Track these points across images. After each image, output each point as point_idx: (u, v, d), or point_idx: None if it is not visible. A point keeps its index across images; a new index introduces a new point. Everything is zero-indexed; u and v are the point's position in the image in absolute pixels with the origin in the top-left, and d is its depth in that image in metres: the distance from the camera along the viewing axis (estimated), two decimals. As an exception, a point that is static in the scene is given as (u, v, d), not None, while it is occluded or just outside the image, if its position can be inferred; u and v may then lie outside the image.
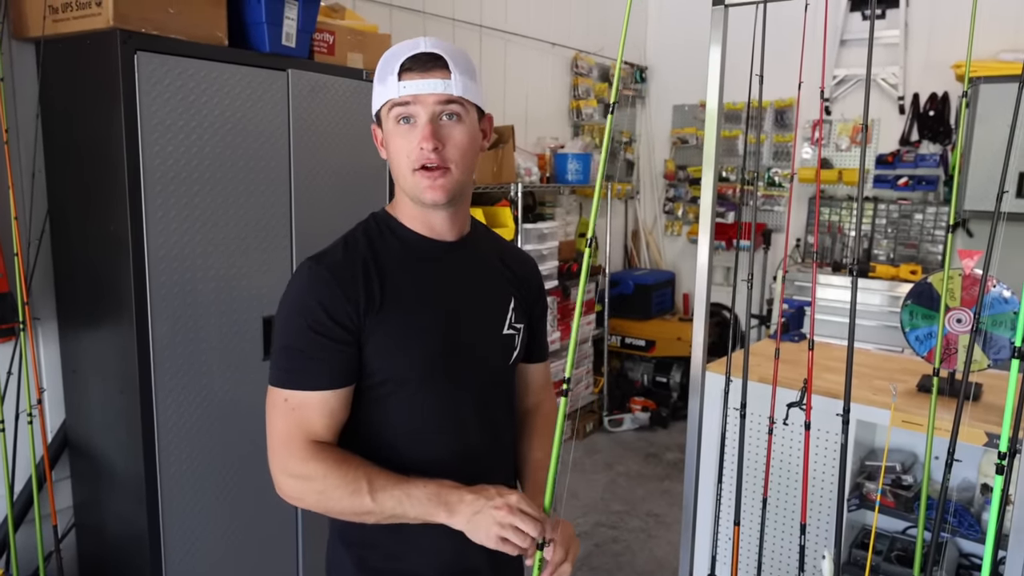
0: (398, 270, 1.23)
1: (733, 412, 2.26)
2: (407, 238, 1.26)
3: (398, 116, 1.17)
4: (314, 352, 1.17)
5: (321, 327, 1.16)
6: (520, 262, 1.43)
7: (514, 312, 1.34)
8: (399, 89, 1.15)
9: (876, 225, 4.73)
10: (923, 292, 2.19)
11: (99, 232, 2.16)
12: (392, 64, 1.17)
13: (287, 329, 1.20)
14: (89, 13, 1.98)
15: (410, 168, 1.18)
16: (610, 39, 5.27)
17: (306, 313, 1.17)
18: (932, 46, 4.52)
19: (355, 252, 1.22)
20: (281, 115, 2.38)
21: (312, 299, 1.17)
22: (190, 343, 2.21)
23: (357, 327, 1.17)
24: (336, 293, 1.17)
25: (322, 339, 1.16)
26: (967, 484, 2.38)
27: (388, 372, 1.21)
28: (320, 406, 1.18)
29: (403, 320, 1.21)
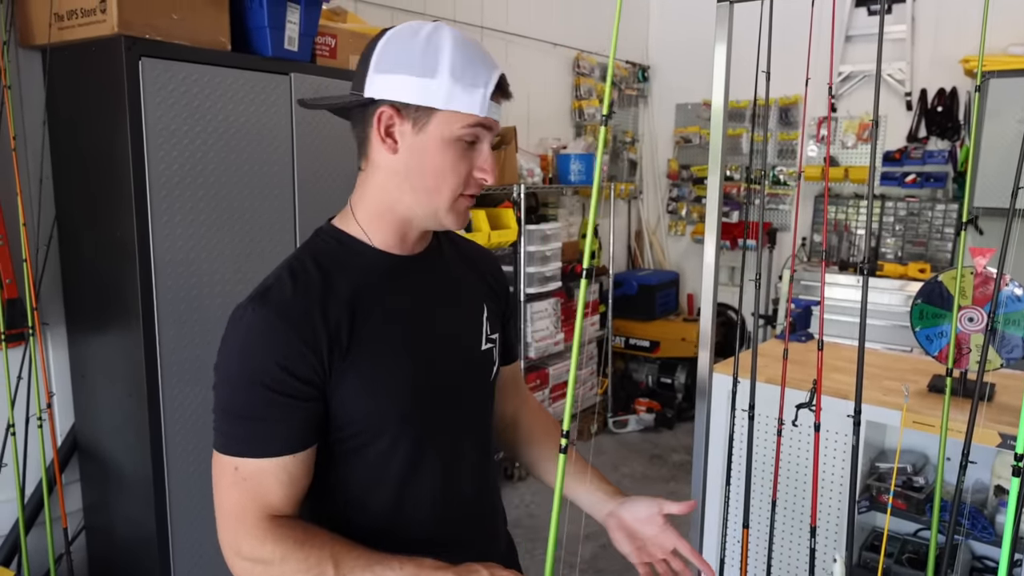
0: (363, 299, 1.04)
1: (741, 413, 2.25)
2: (368, 257, 1.07)
3: (469, 136, 1.01)
4: (268, 414, 0.97)
5: (277, 385, 0.96)
6: (486, 261, 1.29)
7: (488, 323, 1.20)
8: (488, 108, 1.01)
9: (883, 223, 4.70)
10: (934, 290, 2.17)
11: (106, 238, 2.17)
12: (485, 75, 1.01)
13: (233, 390, 0.99)
14: (94, 20, 1.98)
15: (456, 192, 1.03)
16: (609, 38, 5.25)
17: (256, 370, 0.97)
18: (939, 41, 4.48)
19: (307, 284, 1.01)
20: (284, 119, 2.37)
21: (261, 352, 0.97)
22: (196, 347, 2.21)
23: (322, 378, 0.98)
24: (291, 341, 0.96)
25: (279, 398, 0.96)
26: (980, 486, 2.36)
27: (362, 423, 1.03)
28: (277, 474, 0.98)
29: (376, 361, 1.03)
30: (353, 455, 1.05)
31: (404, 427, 1.06)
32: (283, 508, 0.99)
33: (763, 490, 2.58)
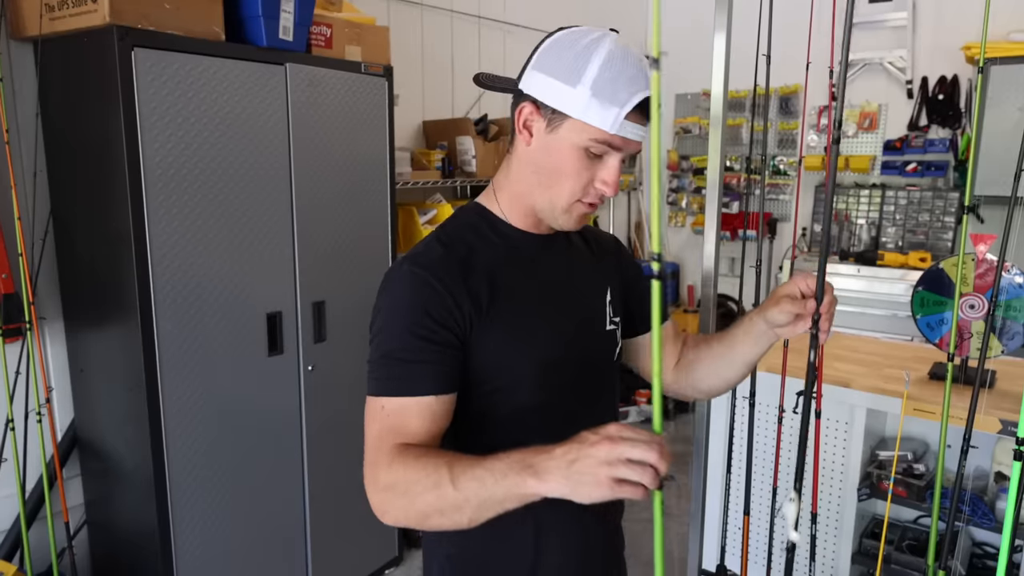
0: (502, 268, 1.14)
1: (742, 401, 2.24)
2: (507, 234, 1.17)
3: (595, 149, 1.05)
4: (416, 357, 1.06)
5: (424, 331, 1.06)
6: (607, 243, 1.34)
7: (611, 306, 1.25)
8: (620, 127, 1.03)
9: (884, 212, 4.69)
10: (935, 278, 2.16)
11: (102, 231, 2.15)
12: (625, 96, 1.03)
13: (388, 337, 1.08)
14: (85, 10, 1.96)
15: (573, 197, 1.09)
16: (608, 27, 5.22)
17: (407, 317, 1.07)
18: (940, 28, 4.45)
19: (454, 249, 1.12)
20: (280, 109, 2.36)
21: (413, 302, 1.07)
22: (195, 340, 2.20)
23: (464, 331, 1.08)
24: (439, 294, 1.07)
25: (425, 343, 1.06)
26: (980, 472, 2.36)
27: (498, 379, 1.12)
28: (419, 412, 1.06)
29: (513, 322, 1.12)
30: (488, 408, 1.13)
31: (533, 387, 1.14)
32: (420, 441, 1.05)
33: (764, 478, 2.57)
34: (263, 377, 2.41)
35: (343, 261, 2.61)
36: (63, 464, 2.37)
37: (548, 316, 1.16)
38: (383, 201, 2.77)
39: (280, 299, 2.43)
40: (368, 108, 2.67)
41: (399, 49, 3.43)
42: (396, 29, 3.49)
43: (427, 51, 3.81)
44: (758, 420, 2.50)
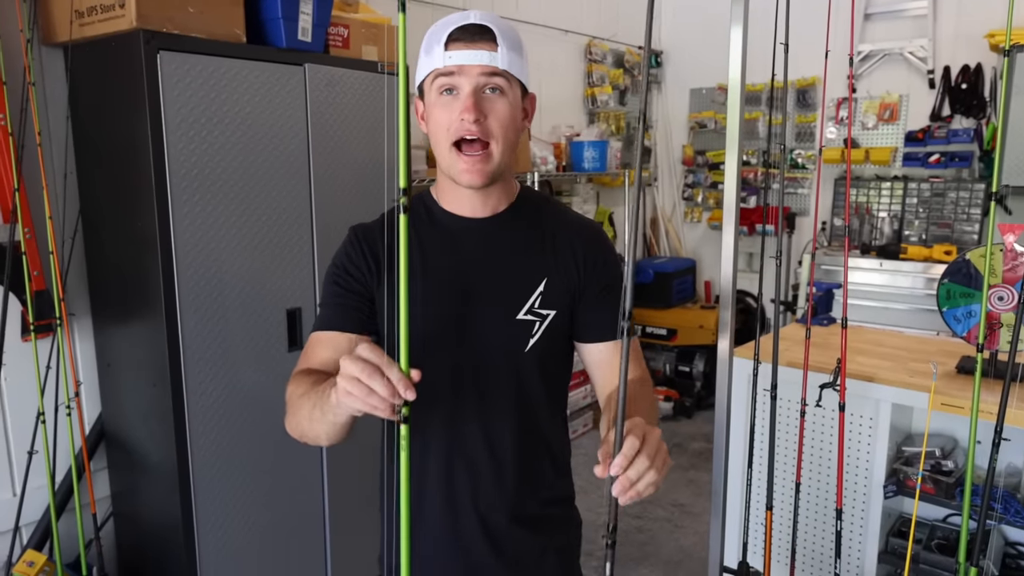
0: (417, 243, 1.24)
1: (763, 394, 2.23)
2: (435, 213, 1.28)
3: (441, 87, 1.15)
4: (332, 299, 1.26)
5: (338, 278, 1.26)
6: (581, 240, 1.31)
7: (542, 296, 1.26)
8: (444, 59, 1.13)
9: (907, 205, 4.63)
10: (961, 269, 2.13)
11: (128, 230, 2.19)
12: (439, 34, 1.15)
13: (323, 289, 1.30)
14: (113, 15, 2.00)
15: (448, 141, 1.16)
16: (623, 24, 5.21)
17: (331, 270, 1.28)
18: (962, 16, 4.37)
19: (382, 222, 1.28)
20: (299, 109, 2.37)
21: (339, 257, 1.28)
22: (217, 336, 2.23)
23: (367, 285, 1.25)
24: (354, 250, 1.26)
25: (337, 288, 1.25)
26: (1013, 469, 2.33)
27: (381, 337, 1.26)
28: (327, 341, 1.24)
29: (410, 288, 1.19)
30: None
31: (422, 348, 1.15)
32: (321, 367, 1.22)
33: (786, 472, 2.56)
34: (284, 372, 2.41)
35: (363, 259, 2.63)
36: (91, 457, 2.41)
37: (438, 290, 1.24)
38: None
39: (299, 295, 2.45)
40: (385, 107, 2.68)
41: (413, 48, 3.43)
42: (412, 28, 3.49)
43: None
44: (780, 414, 2.49)
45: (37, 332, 2.20)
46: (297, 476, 2.52)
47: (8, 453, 2.35)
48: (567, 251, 1.29)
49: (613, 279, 1.30)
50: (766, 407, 2.21)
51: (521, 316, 1.25)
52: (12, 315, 2.21)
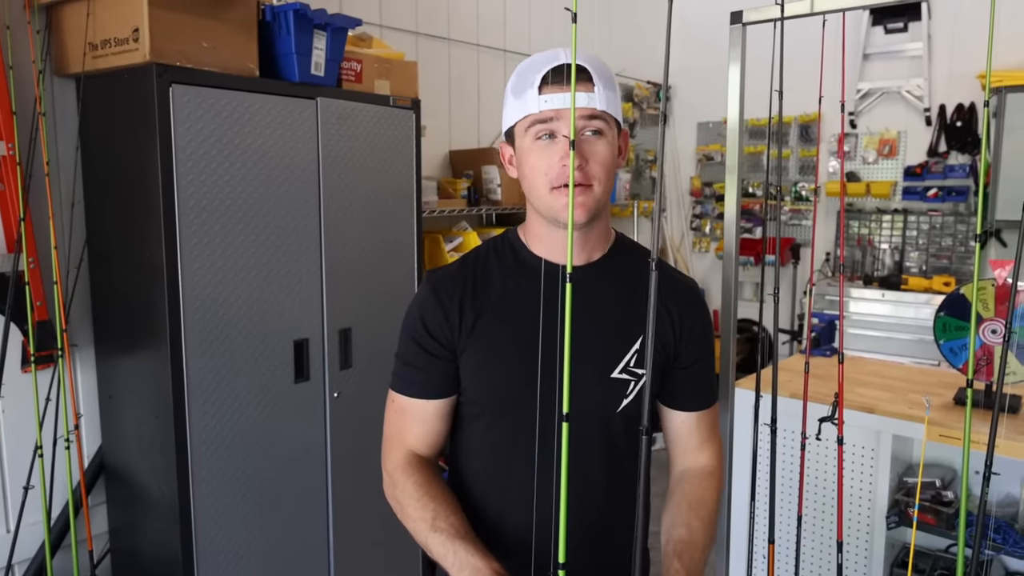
0: (505, 292, 1.20)
1: (764, 428, 2.24)
2: (525, 259, 1.22)
3: (539, 132, 1.11)
4: (412, 361, 1.22)
5: (419, 339, 1.20)
6: (679, 298, 1.26)
7: (637, 354, 1.19)
8: (540, 103, 1.09)
9: (907, 237, 4.68)
10: (956, 302, 2.16)
11: (136, 260, 2.21)
12: (531, 76, 1.11)
13: (400, 338, 1.25)
14: (127, 49, 2.04)
15: (548, 186, 1.12)
16: (631, 60, 5.30)
17: (410, 324, 1.23)
18: (956, 57, 4.48)
19: (464, 269, 1.23)
20: (311, 143, 2.42)
21: (416, 311, 1.22)
22: (223, 368, 2.25)
23: (450, 343, 1.19)
24: (435, 308, 1.20)
25: (419, 350, 1.20)
26: (1011, 500, 2.33)
27: (471, 394, 1.21)
28: (416, 413, 1.22)
29: (490, 343, 1.18)
30: (471, 422, 1.24)
31: (500, 410, 1.20)
32: (419, 442, 1.23)
33: (789, 505, 2.56)
34: (289, 404, 2.45)
35: (370, 289, 2.66)
36: (89, 491, 2.38)
37: (532, 344, 1.14)
38: (410, 230, 2.82)
39: (307, 326, 2.47)
40: (396, 139, 2.73)
41: (427, 82, 3.51)
42: (424, 63, 3.57)
43: (454, 83, 3.90)
44: (781, 446, 2.50)
45: (37, 363, 2.18)
46: (302, 512, 2.52)
47: (3, 488, 2.31)
48: (664, 309, 1.23)
49: (707, 348, 1.28)
50: (767, 439, 2.23)
51: (616, 375, 1.19)
52: (13, 346, 2.18)
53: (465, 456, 1.27)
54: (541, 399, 1.17)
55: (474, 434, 1.24)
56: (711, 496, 1.26)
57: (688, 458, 1.30)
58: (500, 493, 1.23)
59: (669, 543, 1.18)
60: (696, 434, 1.29)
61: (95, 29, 2.12)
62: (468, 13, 3.97)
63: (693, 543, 1.17)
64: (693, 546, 1.16)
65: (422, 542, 1.15)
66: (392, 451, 1.23)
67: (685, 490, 1.26)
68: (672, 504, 1.25)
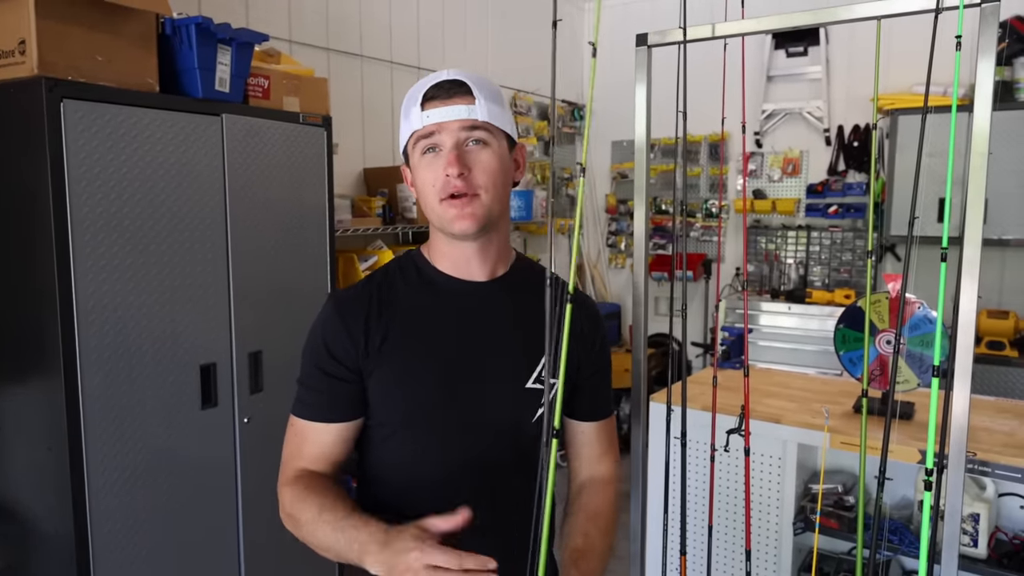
0: (411, 310, 1.19)
1: (675, 441, 2.28)
2: (430, 276, 1.22)
3: (424, 148, 1.14)
4: (315, 384, 1.19)
5: (321, 361, 1.18)
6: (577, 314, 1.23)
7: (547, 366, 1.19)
8: (422, 119, 1.12)
9: (811, 252, 4.88)
10: (854, 315, 2.26)
11: (25, 284, 2.10)
12: (415, 96, 1.15)
13: (302, 361, 1.22)
14: (12, 62, 1.95)
15: (437, 198, 1.13)
16: (547, 78, 5.37)
17: (312, 346, 1.20)
18: (852, 81, 4.73)
19: (369, 288, 1.21)
20: (216, 160, 2.36)
21: (319, 333, 1.19)
22: (123, 395, 2.15)
23: (355, 364, 1.17)
24: (338, 329, 1.17)
25: (321, 374, 1.18)
26: (906, 502, 2.44)
27: (380, 415, 1.19)
28: (315, 437, 1.19)
29: (399, 363, 1.17)
30: (376, 443, 1.22)
31: (411, 428, 1.19)
32: (312, 465, 1.19)
33: (700, 517, 2.62)
34: (196, 432, 2.35)
35: (281, 310, 2.60)
36: (-24, 530, 2.25)
37: (441, 361, 1.17)
38: (322, 249, 2.77)
39: (215, 350, 2.39)
40: (307, 157, 2.69)
41: (339, 99, 3.47)
42: (336, 79, 3.53)
43: (367, 100, 3.86)
44: (691, 458, 2.55)
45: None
46: (212, 545, 2.42)
47: None
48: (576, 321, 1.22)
49: (607, 359, 1.34)
50: (678, 451, 2.27)
51: (529, 384, 1.21)
52: None
53: (376, 477, 1.24)
54: (456, 414, 1.18)
55: (387, 453, 1.22)
56: (610, 506, 1.30)
57: (590, 468, 1.33)
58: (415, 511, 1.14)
59: (567, 551, 1.21)
60: (597, 444, 1.33)
61: (-24, 40, 2.01)
62: (380, 29, 3.95)
63: (591, 550, 1.21)
64: (591, 554, 1.20)
65: (319, 543, 1.11)
66: (285, 473, 1.21)
67: (583, 501, 1.29)
68: (571, 514, 1.28)
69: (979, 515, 2.12)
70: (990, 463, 2.01)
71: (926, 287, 1.76)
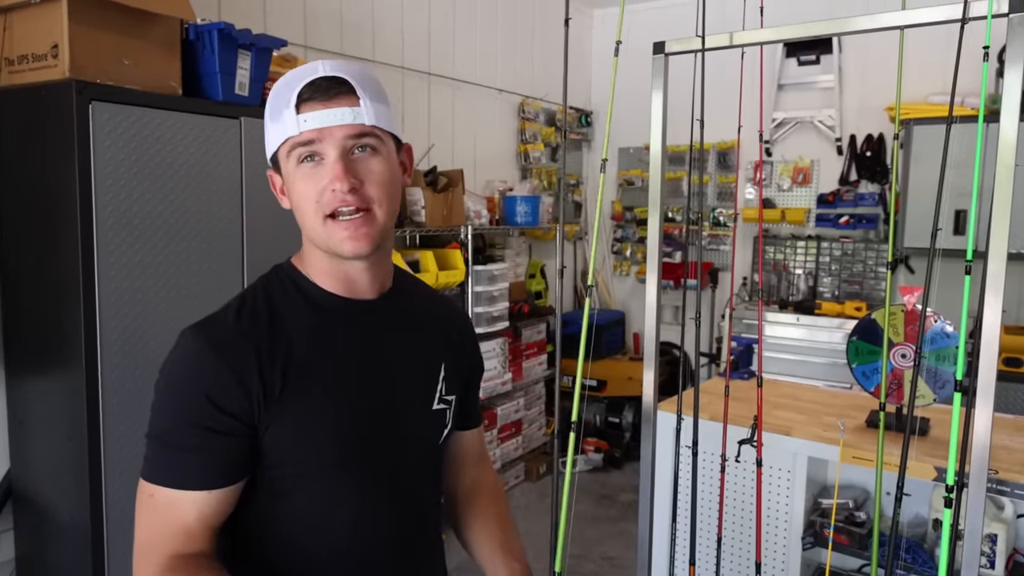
0: (305, 341, 1.01)
1: (685, 450, 2.29)
2: (318, 299, 1.05)
3: (301, 156, 0.98)
4: (190, 444, 0.95)
5: (201, 418, 0.94)
6: (456, 319, 1.25)
7: (445, 383, 1.15)
8: (299, 124, 0.96)
9: (820, 263, 4.87)
10: (868, 328, 2.26)
11: (52, 280, 2.14)
12: (286, 95, 0.97)
13: (161, 415, 0.98)
14: (46, 65, 1.99)
15: (321, 215, 0.98)
16: (554, 85, 5.39)
17: (185, 400, 0.96)
18: (865, 90, 4.71)
19: (250, 320, 1.00)
20: (234, 162, 2.38)
21: (194, 384, 0.96)
22: (140, 390, 2.18)
23: (250, 416, 0.96)
24: (223, 377, 0.95)
25: (203, 432, 0.94)
26: (919, 520, 2.43)
27: (291, 464, 1.00)
28: (190, 508, 0.95)
29: (311, 404, 1.00)
30: (279, 495, 1.02)
31: (337, 471, 1.03)
32: (191, 544, 0.95)
33: (709, 527, 2.61)
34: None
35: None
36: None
37: (356, 394, 1.04)
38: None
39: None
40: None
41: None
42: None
43: (379, 105, 3.87)
44: (702, 469, 2.55)
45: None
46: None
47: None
48: (451, 331, 1.21)
49: (481, 365, 1.31)
50: (689, 461, 2.27)
51: (435, 406, 1.14)
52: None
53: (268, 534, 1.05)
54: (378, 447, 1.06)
55: (288, 504, 1.03)
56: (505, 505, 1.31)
57: (473, 471, 1.31)
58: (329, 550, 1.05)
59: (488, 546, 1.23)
60: (476, 447, 1.32)
61: (12, 44, 2.06)
62: (392, 35, 3.97)
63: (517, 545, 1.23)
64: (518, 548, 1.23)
65: None
66: (149, 559, 0.94)
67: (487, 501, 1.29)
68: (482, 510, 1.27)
69: (997, 536, 2.11)
70: (1009, 482, 2.00)
71: (942, 300, 1.76)
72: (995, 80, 3.85)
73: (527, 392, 4.70)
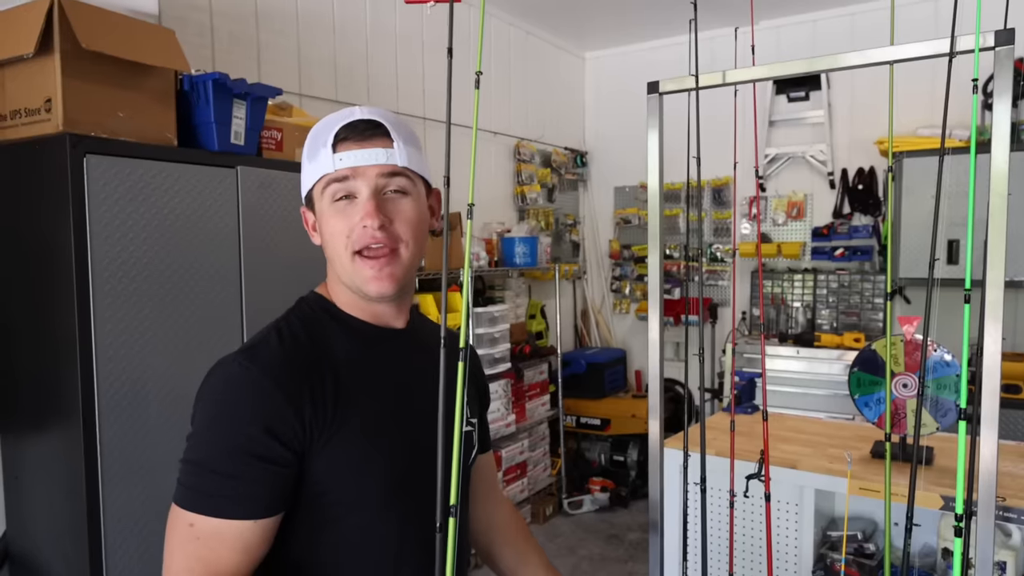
0: (348, 369, 1.03)
1: (693, 487, 2.26)
2: (353, 325, 1.08)
3: (335, 193, 1.03)
4: (239, 472, 0.94)
5: (256, 447, 0.94)
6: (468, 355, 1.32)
7: (467, 407, 1.14)
8: (335, 162, 1.01)
9: (817, 295, 4.89)
10: (868, 359, 2.25)
11: (47, 335, 2.12)
12: (324, 136, 1.03)
13: (208, 444, 0.97)
14: (39, 119, 1.99)
15: (350, 251, 1.03)
16: (549, 127, 5.46)
17: (237, 427, 0.95)
18: (854, 124, 4.80)
19: (294, 348, 1.02)
20: (231, 211, 2.39)
21: (247, 411, 0.96)
22: (139, 445, 2.15)
23: (301, 445, 0.96)
24: (278, 404, 0.95)
25: (255, 460, 0.94)
26: (928, 550, 2.40)
27: (342, 493, 1.01)
28: (235, 539, 0.94)
29: (362, 429, 1.02)
30: (326, 524, 1.03)
31: (390, 499, 1.05)
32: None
33: (720, 564, 2.57)
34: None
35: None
36: (-10, 582, 2.25)
37: (400, 421, 1.06)
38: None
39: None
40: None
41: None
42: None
43: (374, 151, 3.92)
44: (711, 505, 2.52)
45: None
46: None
47: None
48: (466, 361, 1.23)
49: (487, 391, 1.37)
50: (698, 498, 2.25)
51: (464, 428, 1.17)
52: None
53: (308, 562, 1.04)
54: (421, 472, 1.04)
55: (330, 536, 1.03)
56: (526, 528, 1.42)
57: (493, 494, 1.38)
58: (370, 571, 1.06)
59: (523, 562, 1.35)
60: (493, 470, 1.40)
61: (4, 99, 2.06)
62: (387, 82, 4.03)
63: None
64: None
65: None
66: None
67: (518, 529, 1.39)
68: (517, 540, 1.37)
69: (1006, 563, 2.09)
70: (1016, 509, 1.98)
71: (939, 329, 1.76)
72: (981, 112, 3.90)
73: (531, 433, 4.67)
